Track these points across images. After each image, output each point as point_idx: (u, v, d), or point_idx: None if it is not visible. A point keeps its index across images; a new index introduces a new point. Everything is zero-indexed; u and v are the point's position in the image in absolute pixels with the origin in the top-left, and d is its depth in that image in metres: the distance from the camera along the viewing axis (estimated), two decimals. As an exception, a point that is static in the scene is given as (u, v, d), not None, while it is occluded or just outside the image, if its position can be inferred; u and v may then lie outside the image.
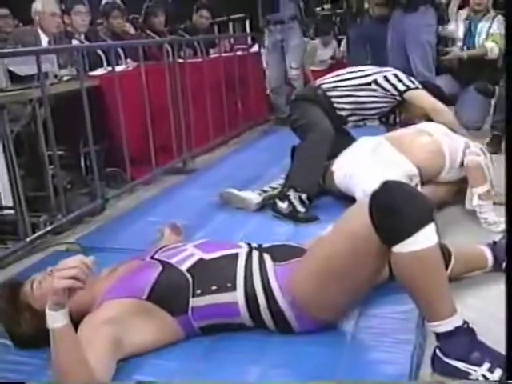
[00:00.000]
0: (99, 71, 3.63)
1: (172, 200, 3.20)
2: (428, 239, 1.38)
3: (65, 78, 3.21)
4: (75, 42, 4.08)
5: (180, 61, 4.19)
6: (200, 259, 1.66)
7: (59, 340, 1.32)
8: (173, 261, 1.66)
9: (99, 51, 3.85)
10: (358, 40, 5.04)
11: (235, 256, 1.67)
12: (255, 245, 1.77)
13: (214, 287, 1.59)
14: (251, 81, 5.42)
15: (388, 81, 3.01)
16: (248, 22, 7.02)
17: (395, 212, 1.38)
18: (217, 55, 5.02)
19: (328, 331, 1.62)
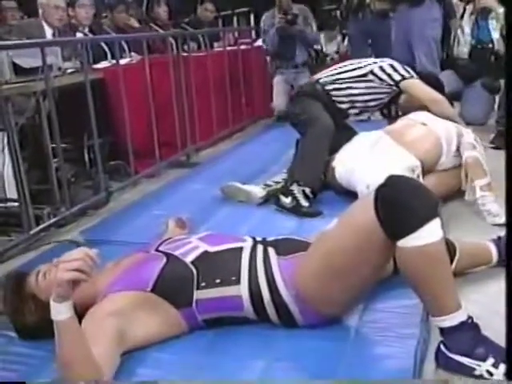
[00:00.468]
0: (103, 64, 3.63)
1: (176, 193, 3.20)
2: (433, 234, 1.38)
3: (69, 71, 3.21)
4: (79, 35, 4.08)
5: (184, 54, 4.18)
6: (204, 252, 1.66)
7: (63, 332, 1.32)
8: (177, 253, 1.66)
9: (103, 44, 3.85)
10: (360, 35, 5.02)
11: (240, 249, 1.66)
12: (259, 238, 1.76)
13: (219, 280, 1.59)
14: (255, 75, 5.41)
15: (384, 71, 3.01)
16: (252, 16, 7.00)
17: (401, 206, 1.37)
18: (221, 49, 5.01)
19: (332, 325, 1.62)
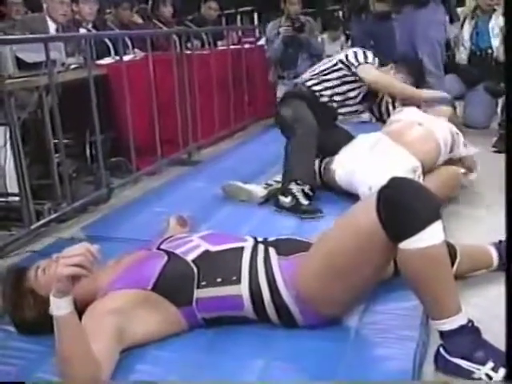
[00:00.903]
0: (106, 60, 3.63)
1: (176, 191, 3.20)
2: (435, 236, 1.37)
3: (72, 67, 3.21)
4: (83, 31, 4.08)
5: (187, 52, 4.18)
6: (206, 251, 1.66)
7: (63, 327, 1.32)
8: (178, 251, 1.66)
9: (107, 40, 3.85)
10: (362, 36, 5.02)
11: (241, 249, 1.66)
12: (261, 239, 1.76)
13: (219, 279, 1.59)
14: (258, 74, 5.41)
15: (347, 58, 3.03)
16: (256, 15, 7.01)
17: (403, 208, 1.37)
18: (224, 47, 5.01)
19: (332, 326, 1.62)
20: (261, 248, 1.67)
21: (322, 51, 5.65)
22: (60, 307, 1.30)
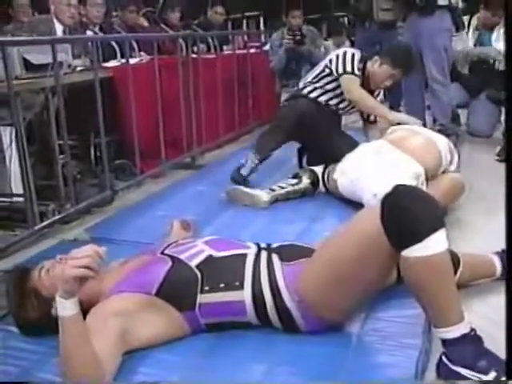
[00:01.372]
0: (113, 63, 3.64)
1: (180, 195, 3.21)
2: (439, 244, 1.38)
3: (78, 69, 3.22)
4: (89, 33, 4.09)
5: (194, 56, 4.19)
6: (209, 256, 1.66)
7: (68, 328, 1.32)
8: (182, 256, 1.66)
9: (113, 43, 3.86)
10: (367, 43, 5.02)
11: (244, 255, 1.67)
12: (264, 245, 1.76)
13: (222, 285, 1.59)
14: (263, 78, 5.42)
15: (331, 63, 3.21)
16: (262, 20, 7.03)
17: (407, 216, 1.37)
18: (230, 52, 5.02)
19: (334, 332, 1.62)
20: (264, 254, 1.67)
21: (324, 59, 5.68)
22: (66, 308, 1.31)
